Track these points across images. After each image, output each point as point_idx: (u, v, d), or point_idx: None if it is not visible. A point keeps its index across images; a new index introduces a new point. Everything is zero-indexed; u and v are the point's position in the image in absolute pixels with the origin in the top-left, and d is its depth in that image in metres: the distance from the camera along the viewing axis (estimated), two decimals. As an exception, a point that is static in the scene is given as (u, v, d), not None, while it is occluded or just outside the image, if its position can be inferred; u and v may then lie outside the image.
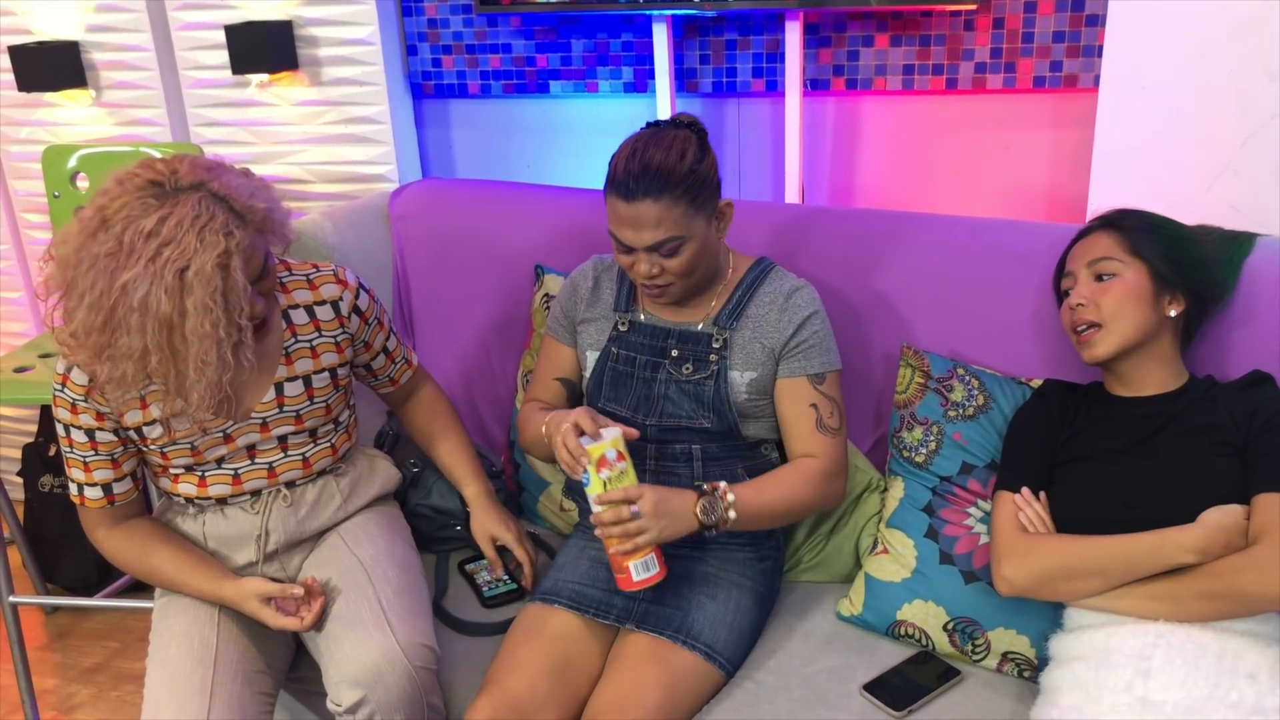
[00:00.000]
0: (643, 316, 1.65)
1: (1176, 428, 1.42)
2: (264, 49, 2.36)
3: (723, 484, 1.48)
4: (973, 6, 1.99)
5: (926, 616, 1.58)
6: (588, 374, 1.68)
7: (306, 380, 1.59)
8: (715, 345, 1.59)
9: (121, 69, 2.59)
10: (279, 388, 1.56)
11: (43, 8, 2.56)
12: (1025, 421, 1.56)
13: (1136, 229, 1.49)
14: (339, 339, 1.64)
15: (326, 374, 1.62)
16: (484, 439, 2.16)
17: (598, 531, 1.45)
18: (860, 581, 1.66)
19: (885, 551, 1.65)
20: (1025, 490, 1.46)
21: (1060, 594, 1.40)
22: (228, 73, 2.46)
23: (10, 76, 2.56)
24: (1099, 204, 1.88)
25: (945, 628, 1.56)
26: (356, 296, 1.66)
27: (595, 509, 1.45)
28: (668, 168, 1.45)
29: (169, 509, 1.64)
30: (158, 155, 1.69)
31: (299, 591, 1.51)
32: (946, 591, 1.57)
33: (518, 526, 1.79)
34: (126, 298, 1.31)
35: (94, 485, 1.53)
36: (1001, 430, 1.61)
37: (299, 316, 1.60)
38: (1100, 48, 1.95)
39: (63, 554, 2.69)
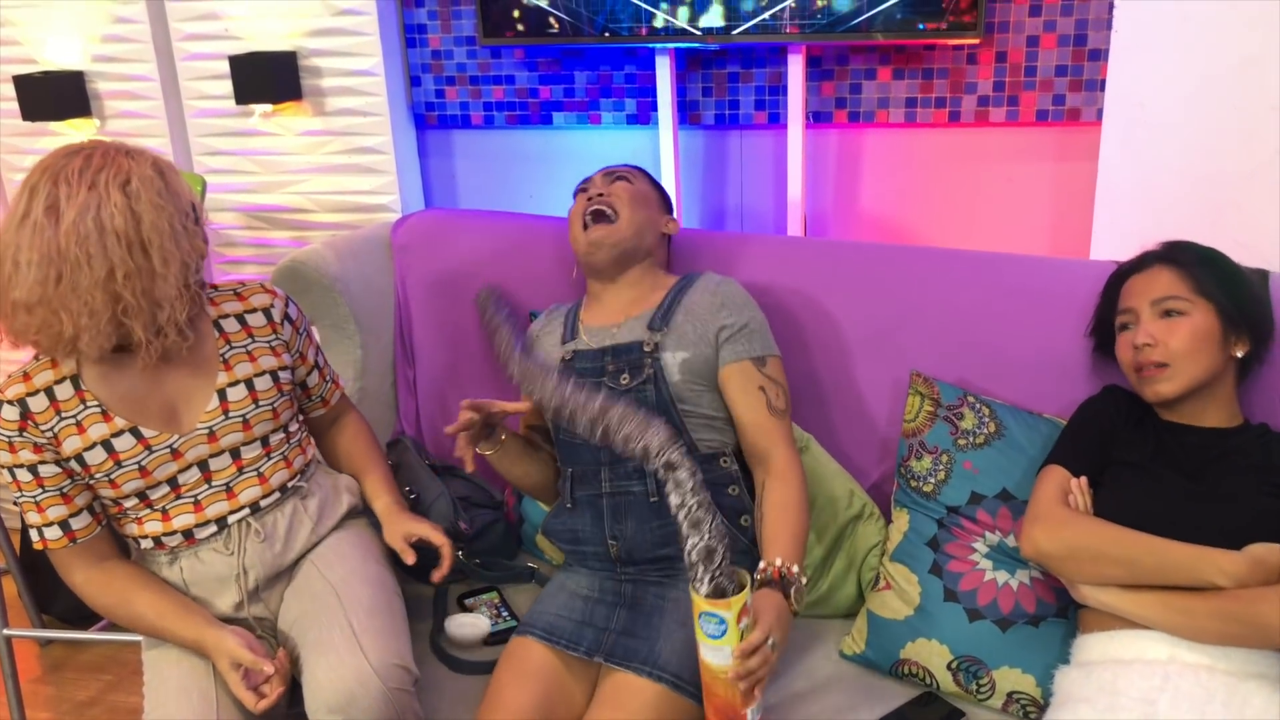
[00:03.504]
0: (584, 337, 1.70)
1: (1230, 463, 1.40)
2: (268, 79, 2.37)
3: (778, 561, 1.44)
4: (975, 40, 1.99)
5: (930, 655, 1.55)
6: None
7: (249, 384, 1.58)
8: (647, 350, 1.62)
9: (126, 98, 2.60)
10: (221, 394, 1.55)
11: (49, 37, 2.57)
12: (1096, 413, 1.53)
13: (1195, 264, 1.45)
14: (274, 344, 1.64)
15: (268, 376, 1.61)
16: (485, 470, 2.14)
17: (741, 686, 1.29)
18: (863, 618, 1.64)
19: (888, 587, 1.63)
20: (1083, 479, 1.44)
21: (1083, 573, 1.37)
22: (232, 103, 2.47)
23: (15, 105, 2.57)
24: (1102, 238, 1.87)
25: (949, 666, 1.54)
26: (286, 305, 1.68)
27: (728, 662, 1.29)
28: (638, 170, 1.77)
29: (143, 560, 1.60)
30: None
31: (269, 669, 1.46)
32: (950, 630, 1.55)
33: (430, 523, 1.74)
34: (78, 231, 1.34)
35: (50, 525, 1.49)
36: (1013, 459, 1.60)
37: (230, 325, 1.60)
38: (1103, 81, 1.95)
39: (58, 585, 2.59)
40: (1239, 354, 1.44)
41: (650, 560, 1.60)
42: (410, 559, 1.67)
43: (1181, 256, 1.47)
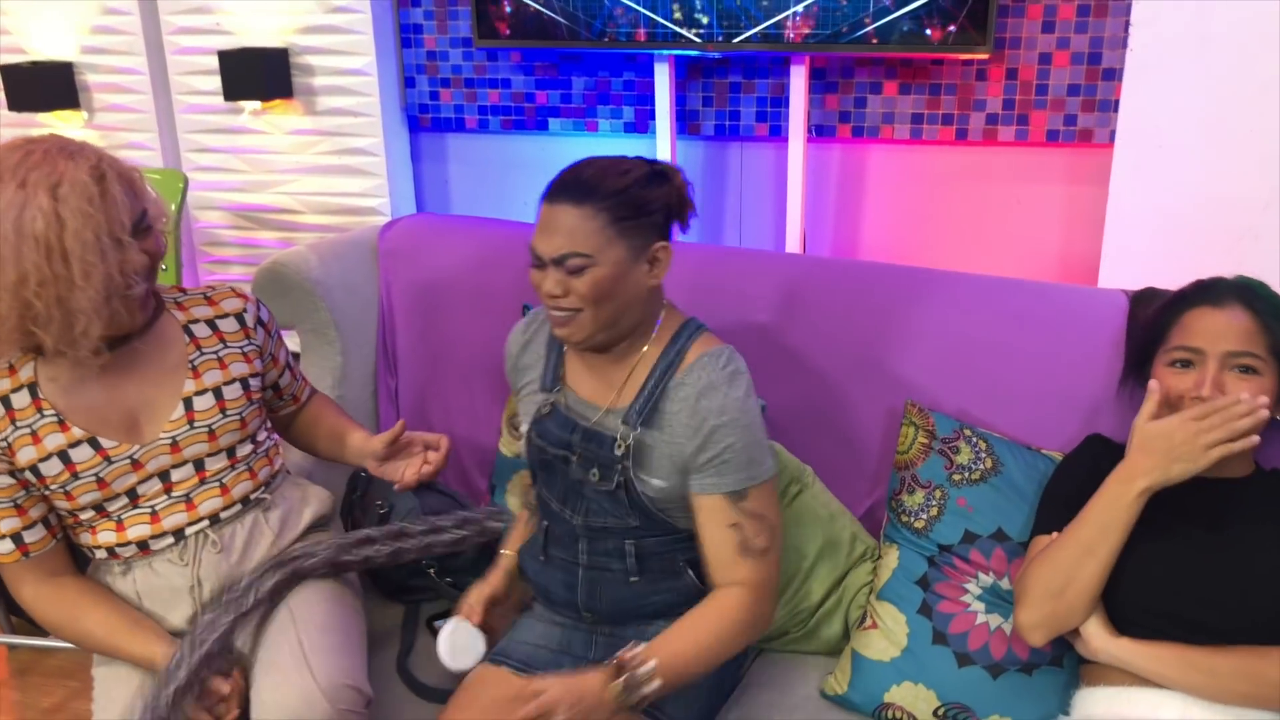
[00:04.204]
0: (563, 398, 1.47)
1: (1247, 513, 1.32)
2: (258, 76, 2.32)
3: (638, 650, 1.32)
4: (985, 56, 1.92)
5: (916, 700, 1.48)
6: (522, 449, 1.57)
7: (217, 392, 1.52)
8: (618, 453, 1.40)
9: (115, 91, 2.55)
10: (188, 403, 1.49)
11: (38, 27, 2.52)
12: (1079, 470, 1.42)
13: (1272, 316, 1.32)
14: (246, 350, 1.58)
15: (238, 384, 1.55)
16: (464, 485, 2.07)
17: None
18: (847, 657, 1.56)
19: (875, 626, 1.55)
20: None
21: (1074, 606, 1.29)
22: (221, 99, 2.41)
23: (1, 96, 2.52)
24: (1112, 264, 1.80)
25: (935, 713, 1.46)
26: (258, 309, 1.63)
27: None
28: (599, 179, 1.33)
29: (97, 570, 1.55)
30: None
31: (225, 690, 1.42)
32: (938, 674, 1.47)
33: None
34: None
35: (3, 538, 1.43)
36: (1009, 497, 1.52)
37: (200, 330, 1.54)
38: (1117, 102, 1.88)
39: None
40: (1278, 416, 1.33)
41: (631, 624, 1.51)
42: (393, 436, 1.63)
43: (1259, 303, 1.33)
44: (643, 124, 2.30)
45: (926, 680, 1.47)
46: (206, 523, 1.52)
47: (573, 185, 1.34)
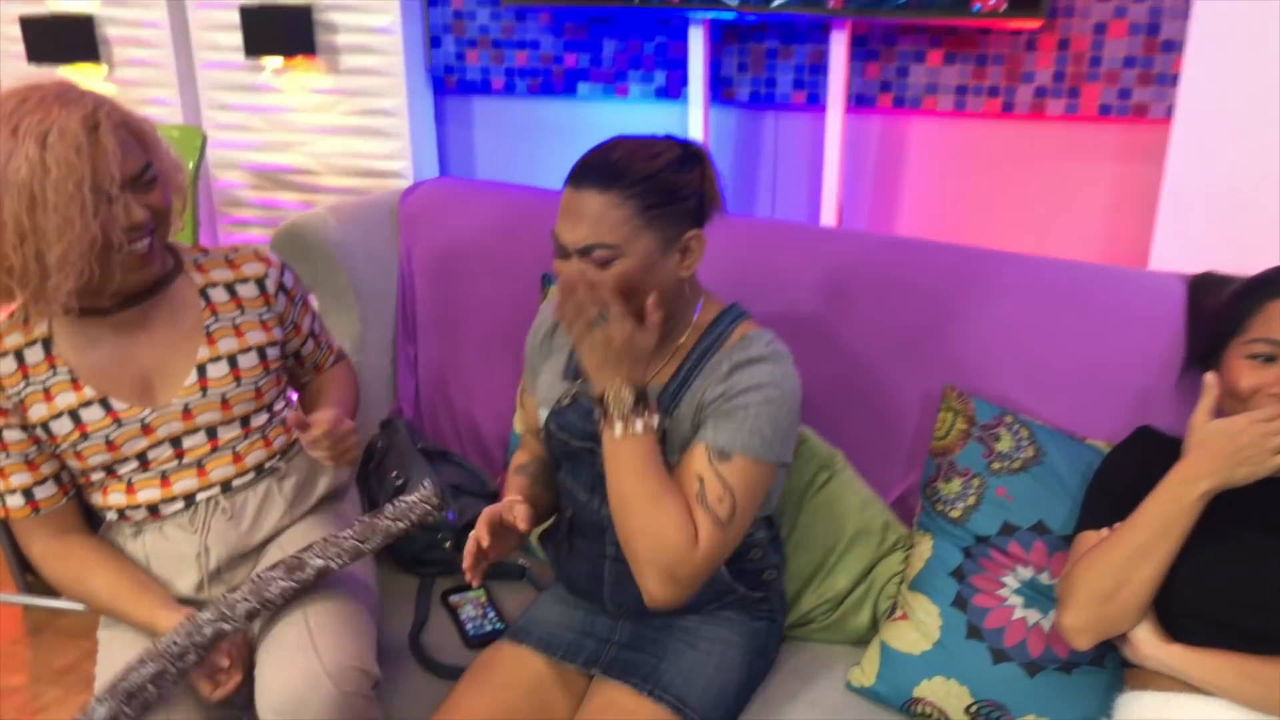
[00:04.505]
0: (587, 389, 1.37)
1: None
2: (280, 31, 2.26)
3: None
4: (1036, 25, 1.83)
5: (947, 696, 1.41)
6: (540, 434, 1.49)
7: (232, 360, 1.47)
8: None
9: (135, 45, 2.49)
10: (201, 370, 1.45)
11: (58, -23, 2.47)
12: (1128, 464, 1.35)
13: None
14: (265, 317, 1.53)
15: (254, 353, 1.50)
16: (482, 458, 2.02)
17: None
18: (875, 649, 1.50)
19: (905, 617, 1.49)
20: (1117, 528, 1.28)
21: (1124, 610, 1.21)
22: (243, 55, 2.35)
23: (20, 47, 2.46)
24: (1164, 248, 1.71)
25: (968, 710, 1.40)
26: (281, 274, 1.56)
27: None
28: (628, 163, 1.24)
29: (109, 531, 1.52)
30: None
31: (224, 663, 1.38)
32: (972, 670, 1.41)
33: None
34: None
35: (13, 492, 1.40)
36: (1051, 488, 1.45)
37: (218, 295, 1.49)
38: (1176, 76, 1.78)
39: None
40: None
41: (659, 617, 1.45)
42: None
43: None
44: (674, 89, 2.22)
45: (959, 675, 1.41)
46: (218, 489, 1.48)
47: (598, 169, 1.25)
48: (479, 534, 1.34)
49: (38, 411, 1.38)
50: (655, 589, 1.25)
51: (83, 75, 2.54)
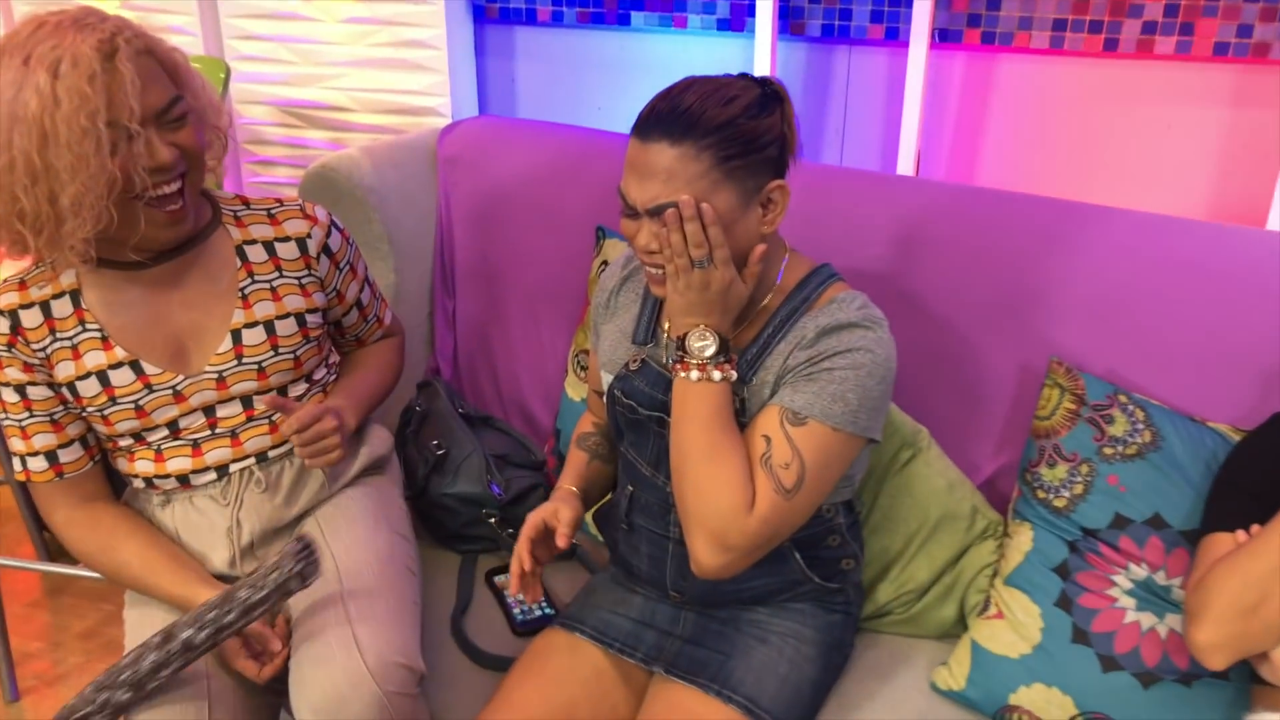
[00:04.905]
0: (658, 355, 1.28)
1: None
2: (309, -46, 2.07)
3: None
4: (1153, -50, 1.63)
5: (1049, 706, 1.28)
6: (604, 399, 1.36)
7: (269, 326, 1.36)
8: None
9: (153, -32, 2.32)
10: (236, 335, 1.33)
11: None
12: (1268, 452, 1.20)
13: None
14: (304, 281, 1.40)
15: (292, 320, 1.38)
16: (527, 425, 1.89)
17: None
18: (965, 649, 1.36)
19: (1000, 615, 1.35)
20: (1254, 529, 1.14)
21: (1269, 627, 1.07)
22: (268, -21, 2.18)
23: (32, -31, 2.30)
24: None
25: (1072, 723, 1.27)
26: (327, 235, 1.42)
27: None
28: (702, 109, 1.09)
29: (135, 498, 1.41)
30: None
31: (275, 644, 1.28)
32: (1077, 678, 1.27)
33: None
34: None
35: (35, 454, 1.31)
36: (1170, 478, 1.29)
37: (256, 254, 1.37)
38: (1312, 11, 1.59)
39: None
40: None
41: (726, 608, 1.33)
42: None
43: None
44: (738, 21, 2.03)
45: (1062, 684, 1.28)
46: (253, 460, 1.37)
47: (668, 118, 1.10)
48: (521, 553, 1.25)
49: (64, 370, 1.28)
50: (703, 554, 1.14)
51: (98, 1, 2.37)
